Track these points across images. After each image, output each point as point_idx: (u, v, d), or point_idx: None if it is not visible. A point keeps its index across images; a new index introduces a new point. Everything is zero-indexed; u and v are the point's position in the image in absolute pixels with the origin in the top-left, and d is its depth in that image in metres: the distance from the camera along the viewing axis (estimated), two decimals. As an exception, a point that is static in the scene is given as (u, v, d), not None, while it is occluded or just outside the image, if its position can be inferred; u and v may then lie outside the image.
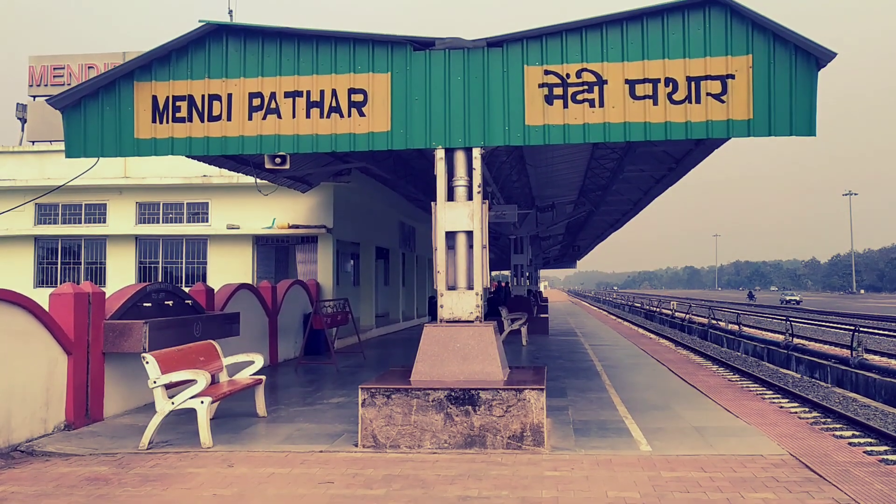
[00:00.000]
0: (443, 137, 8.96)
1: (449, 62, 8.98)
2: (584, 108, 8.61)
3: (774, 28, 8.13)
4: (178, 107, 9.47)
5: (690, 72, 8.34)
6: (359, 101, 9.14)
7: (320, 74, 9.23)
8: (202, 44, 9.46)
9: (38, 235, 21.66)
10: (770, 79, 8.18)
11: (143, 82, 9.53)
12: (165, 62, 9.51)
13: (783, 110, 8.15)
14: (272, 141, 9.35)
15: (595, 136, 8.62)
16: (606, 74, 8.57)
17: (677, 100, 8.35)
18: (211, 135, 9.41)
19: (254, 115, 9.34)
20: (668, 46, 8.42)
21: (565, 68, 8.68)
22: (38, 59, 24.57)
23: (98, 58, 24.26)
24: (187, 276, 21.07)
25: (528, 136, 8.79)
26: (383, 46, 9.13)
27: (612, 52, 8.57)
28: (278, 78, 9.30)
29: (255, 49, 9.37)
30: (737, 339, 31.56)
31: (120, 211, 21.35)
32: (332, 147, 9.26)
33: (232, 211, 20.77)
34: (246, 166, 14.12)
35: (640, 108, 8.45)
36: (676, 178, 19.20)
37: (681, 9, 8.41)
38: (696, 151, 15.53)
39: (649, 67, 8.44)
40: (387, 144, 9.14)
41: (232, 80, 9.36)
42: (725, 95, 8.25)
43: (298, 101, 9.26)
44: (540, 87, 8.73)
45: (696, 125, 8.32)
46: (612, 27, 8.60)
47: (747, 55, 8.23)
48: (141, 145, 9.56)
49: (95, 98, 9.62)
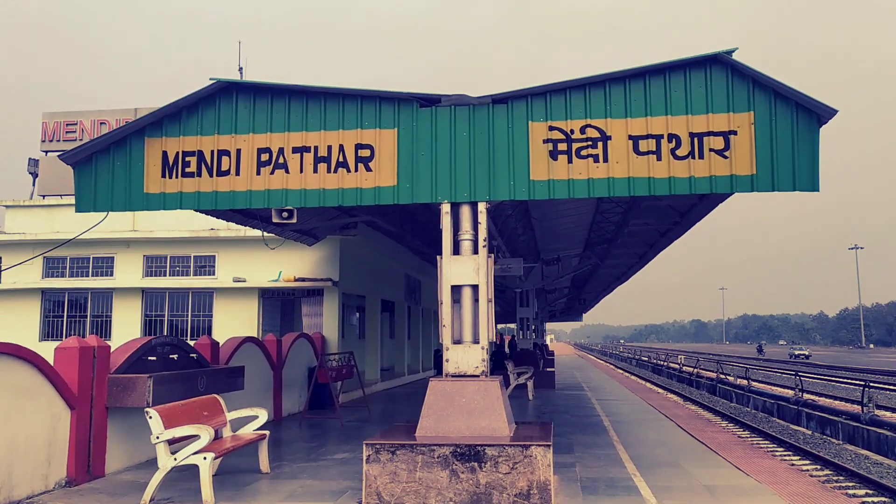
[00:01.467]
0: (448, 192, 9.04)
1: (454, 118, 9.12)
2: (589, 163, 8.70)
3: (775, 86, 8.25)
4: (187, 162, 9.61)
5: (693, 128, 8.45)
6: (366, 157, 9.26)
7: (328, 130, 9.37)
8: (212, 101, 9.65)
9: (46, 288, 21.73)
10: (772, 135, 8.27)
11: (154, 138, 9.68)
12: (176, 119, 9.68)
13: (786, 166, 8.22)
14: (280, 195, 9.44)
15: (599, 191, 8.69)
16: (610, 130, 8.68)
17: (681, 155, 8.44)
18: (219, 189, 9.52)
19: (262, 169, 9.45)
20: (670, 103, 8.55)
21: (569, 124, 8.80)
22: (52, 116, 25.02)
23: (110, 114, 24.69)
24: (193, 329, 21.04)
25: (533, 191, 8.86)
26: (390, 103, 9.29)
27: (615, 108, 8.70)
28: (287, 134, 9.45)
29: (264, 105, 9.54)
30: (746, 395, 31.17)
31: (127, 264, 21.45)
32: (338, 201, 9.34)
33: (238, 264, 20.84)
34: (253, 220, 14.23)
35: (643, 163, 8.54)
36: (681, 231, 19.24)
37: (682, 67, 8.56)
38: (701, 205, 15.59)
39: (652, 124, 8.56)
40: (393, 199, 9.22)
41: (241, 136, 9.51)
42: (728, 151, 8.33)
43: (306, 156, 9.38)
44: (545, 142, 8.84)
45: (699, 180, 8.38)
46: (615, 85, 8.74)
47: (749, 112, 8.34)
48: (150, 200, 9.67)
49: (107, 153, 9.77)
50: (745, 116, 8.36)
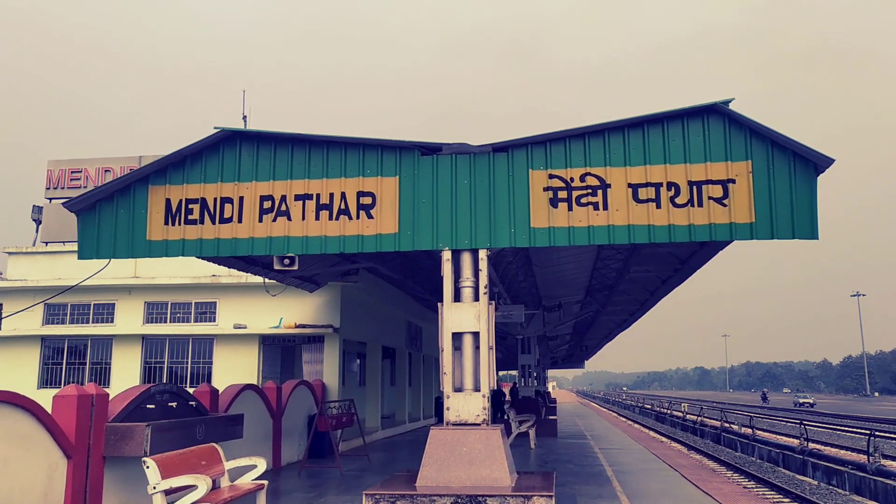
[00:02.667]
0: (449, 239, 9.09)
1: (456, 166, 9.22)
2: (589, 210, 8.76)
3: (772, 135, 8.36)
4: (190, 209, 9.68)
5: (692, 176, 8.53)
6: (367, 204, 9.34)
7: (330, 178, 9.47)
8: (216, 149, 9.77)
9: (46, 335, 21.67)
10: (770, 184, 8.35)
11: (158, 186, 9.78)
12: (180, 166, 9.79)
13: (785, 214, 8.28)
14: (281, 243, 9.49)
15: (600, 239, 8.73)
16: (610, 178, 8.76)
17: (680, 203, 8.51)
18: (222, 236, 9.57)
19: (264, 217, 9.52)
20: (669, 152, 8.65)
21: (569, 172, 8.89)
22: (57, 164, 25.27)
23: (115, 161, 24.94)
24: (193, 376, 20.92)
25: (533, 239, 8.91)
26: (392, 151, 9.40)
27: (614, 157, 8.80)
28: (289, 181, 9.54)
29: (267, 154, 9.66)
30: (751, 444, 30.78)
31: (128, 310, 21.42)
32: (340, 249, 9.39)
33: (239, 310, 20.82)
34: (255, 266, 14.27)
35: (643, 211, 8.60)
36: (682, 278, 19.25)
37: (680, 116, 8.69)
38: (701, 252, 15.63)
39: (651, 172, 8.65)
40: (394, 246, 9.27)
41: (244, 184, 9.61)
42: (727, 199, 8.40)
43: (308, 203, 9.46)
44: (545, 190, 8.92)
45: (699, 228, 8.44)
46: (613, 134, 8.86)
47: (747, 161, 8.44)
48: (152, 247, 9.72)
49: (110, 201, 9.85)
50: (744, 165, 8.45)
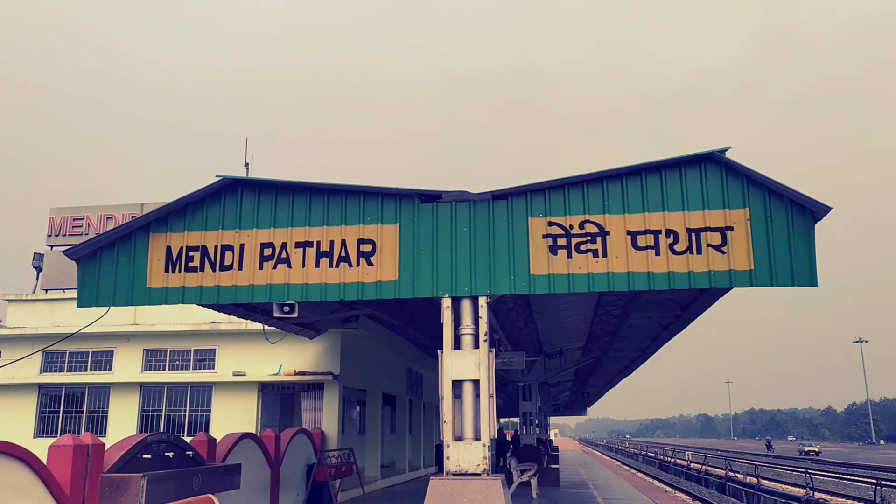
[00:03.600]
0: (449, 286, 9.10)
1: (455, 214, 9.27)
2: (588, 258, 8.79)
3: (769, 183, 8.43)
4: (191, 257, 9.71)
5: (690, 224, 8.58)
6: (367, 251, 9.37)
7: (331, 225, 9.52)
8: (218, 197, 9.84)
9: (43, 383, 21.52)
10: (768, 231, 8.40)
11: (159, 234, 9.82)
12: (181, 214, 9.85)
13: (783, 262, 8.31)
14: (281, 290, 9.50)
15: (599, 286, 8.74)
16: (609, 226, 8.81)
17: (679, 250, 8.54)
18: (222, 284, 9.59)
19: (264, 264, 9.55)
20: (667, 200, 8.72)
21: (568, 220, 8.94)
22: (59, 211, 25.42)
23: (116, 209, 25.07)
24: (190, 424, 20.70)
25: (533, 286, 8.92)
26: (392, 199, 9.47)
27: (613, 204, 8.86)
28: (290, 229, 9.59)
29: (268, 201, 9.73)
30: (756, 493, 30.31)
31: (126, 358, 21.31)
32: (340, 296, 9.39)
33: (239, 357, 20.70)
34: (254, 313, 14.24)
35: (642, 258, 8.63)
36: (683, 325, 19.19)
37: (678, 165, 8.78)
38: (702, 299, 15.62)
39: (650, 219, 8.70)
40: (394, 293, 9.27)
41: (245, 232, 9.66)
42: (726, 247, 8.44)
43: (308, 251, 9.50)
44: (544, 237, 8.96)
45: (698, 275, 8.45)
46: (612, 181, 8.94)
47: (745, 208, 8.50)
48: (152, 294, 9.73)
49: (111, 249, 9.89)
50: (741, 213, 8.50)
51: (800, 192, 8.27)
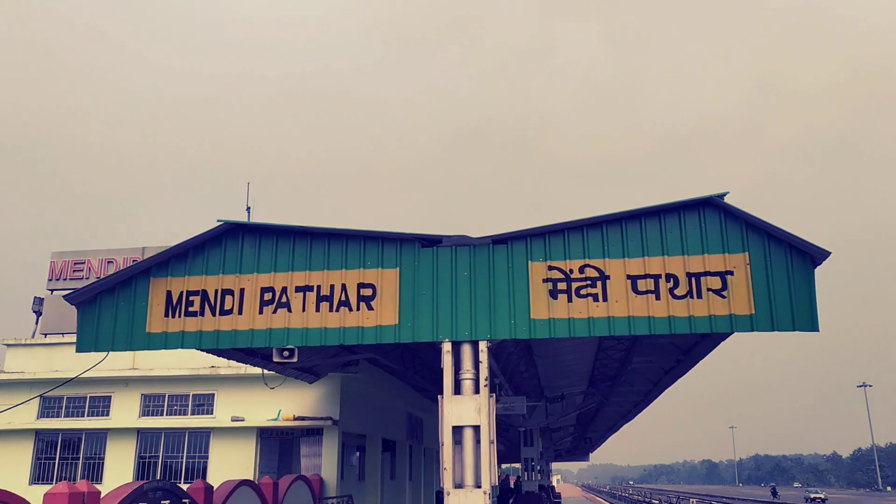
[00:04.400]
0: (449, 331, 9.07)
1: (455, 258, 9.29)
2: (588, 302, 8.78)
3: (768, 228, 8.47)
4: (191, 301, 9.70)
5: (690, 268, 8.60)
6: (368, 296, 9.37)
7: (331, 270, 9.53)
8: (219, 241, 9.87)
9: (40, 429, 21.30)
10: (768, 276, 8.41)
11: (160, 278, 9.83)
12: (182, 259, 9.87)
13: (784, 306, 8.30)
14: (281, 334, 9.47)
15: (600, 330, 8.72)
16: (609, 270, 8.82)
17: (679, 295, 8.54)
18: (221, 328, 9.56)
19: (265, 308, 9.54)
20: (666, 244, 8.75)
21: (568, 264, 8.96)
22: (60, 255, 25.45)
23: (118, 253, 25.10)
24: (188, 470, 20.42)
25: (533, 330, 8.89)
26: (392, 243, 9.50)
27: (613, 249, 8.89)
28: (290, 273, 9.60)
29: (269, 246, 9.75)
30: (763, 541, 29.75)
31: (124, 403, 21.12)
32: (340, 340, 9.36)
33: (237, 402, 20.52)
34: (254, 357, 14.17)
35: (643, 302, 8.62)
36: (685, 369, 19.06)
37: (677, 209, 8.82)
38: (703, 343, 15.54)
39: (650, 264, 8.72)
40: (394, 338, 9.24)
41: (245, 276, 9.66)
42: (726, 291, 8.44)
43: (309, 295, 9.49)
44: (544, 281, 8.97)
45: (699, 320, 8.44)
46: (611, 226, 8.97)
47: (744, 253, 8.53)
48: (152, 339, 9.70)
49: (111, 294, 9.88)
50: (741, 257, 8.53)
51: (798, 236, 8.30)
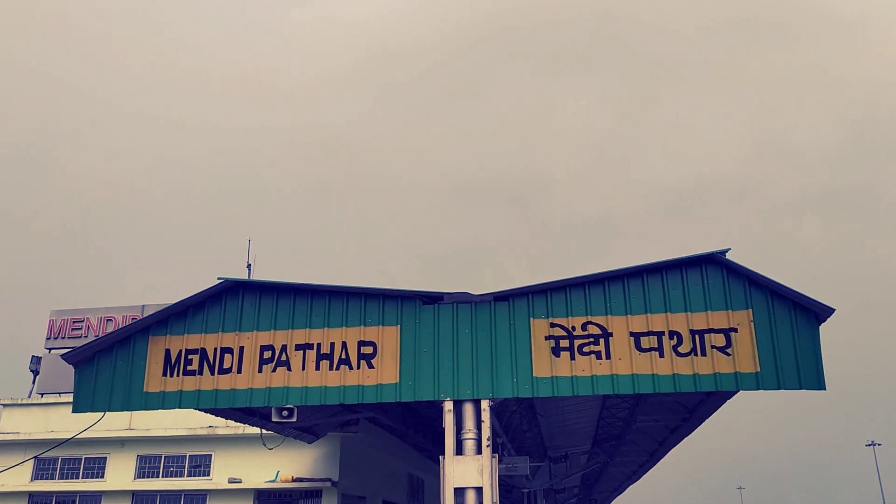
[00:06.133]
0: (451, 389, 8.95)
1: (457, 316, 9.21)
2: (592, 360, 8.68)
3: (771, 285, 8.43)
4: (189, 360, 9.60)
5: (693, 325, 8.53)
6: (368, 354, 9.27)
7: (331, 327, 9.45)
8: (219, 299, 9.81)
9: (34, 492, 20.84)
10: (773, 333, 8.34)
11: (159, 337, 9.74)
12: (182, 317, 9.80)
13: (789, 364, 8.21)
14: (281, 393, 9.34)
15: (604, 388, 8.60)
16: (611, 327, 8.75)
17: (683, 352, 8.45)
18: (220, 387, 9.44)
19: (264, 367, 9.42)
20: (669, 301, 8.69)
21: (570, 321, 8.89)
22: (59, 314, 25.32)
23: (117, 311, 24.95)
24: (182, 535, 19.90)
25: (536, 388, 8.78)
26: (393, 301, 9.44)
27: (615, 305, 8.83)
28: (290, 331, 9.51)
29: (269, 303, 9.69)
30: None
31: (120, 464, 20.72)
32: (340, 399, 9.24)
33: (235, 463, 20.13)
34: (252, 417, 13.94)
35: (646, 360, 8.52)
36: (691, 428, 18.76)
37: (679, 266, 8.80)
38: (709, 402, 15.32)
39: (653, 321, 8.65)
40: (395, 396, 9.12)
41: (245, 334, 9.58)
42: (730, 349, 8.35)
43: (309, 353, 9.39)
44: (547, 339, 8.88)
45: (704, 378, 8.34)
46: (613, 283, 8.93)
47: (747, 310, 8.47)
48: (149, 399, 9.56)
49: (110, 353, 9.78)
50: (745, 314, 8.46)
51: (802, 293, 8.24)
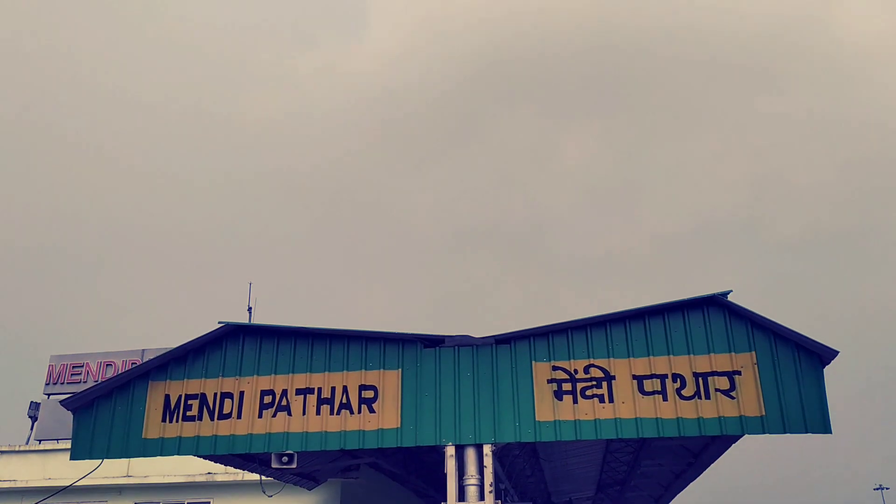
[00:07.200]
0: (453, 434, 8.86)
1: (458, 359, 9.17)
2: (594, 403, 8.61)
3: (773, 327, 8.39)
4: (189, 405, 9.52)
5: (697, 368, 8.48)
6: (369, 398, 9.20)
7: (332, 372, 9.40)
8: (219, 344, 9.77)
9: (27, 542, 20.50)
10: (777, 376, 8.28)
11: (158, 382, 9.68)
12: (182, 362, 9.74)
13: (794, 407, 8.14)
14: (281, 439, 9.25)
15: (607, 432, 8.52)
16: (614, 370, 8.69)
17: (687, 395, 8.38)
18: (220, 433, 9.35)
19: (264, 412, 9.35)
20: (671, 343, 8.65)
21: (573, 364, 8.84)
22: (59, 359, 25.20)
23: (117, 356, 24.83)
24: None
25: (539, 433, 8.69)
26: (394, 344, 9.40)
27: (617, 348, 8.79)
28: (291, 375, 9.45)
29: (270, 348, 9.64)
30: None
31: (117, 512, 20.40)
32: (341, 445, 9.15)
33: (234, 511, 19.82)
34: (252, 463, 13.76)
35: (650, 403, 8.45)
36: (697, 473, 18.49)
37: (680, 308, 8.77)
38: (714, 446, 15.11)
39: (655, 363, 8.60)
40: (396, 441, 9.04)
41: (245, 379, 9.52)
42: (735, 391, 8.29)
43: (309, 398, 9.32)
44: (549, 382, 8.82)
45: (708, 421, 8.26)
46: (615, 325, 8.90)
47: (751, 352, 8.43)
48: (148, 445, 9.46)
49: (109, 398, 9.70)
50: (748, 357, 8.42)
51: (805, 335, 8.21)
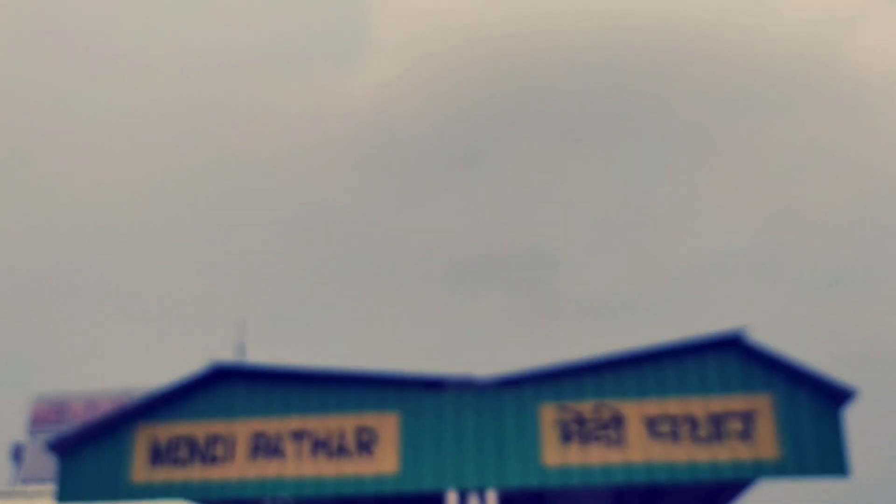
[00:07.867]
0: (455, 479, 8.53)
1: (460, 402, 8.85)
2: (604, 446, 8.30)
3: (791, 366, 8.11)
4: (178, 448, 9.17)
5: (711, 409, 8.19)
6: (366, 441, 8.88)
7: (328, 414, 9.08)
8: (210, 384, 9.44)
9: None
10: (794, 417, 7.98)
11: (146, 424, 9.34)
12: (170, 403, 9.41)
13: (812, 450, 7.84)
14: (274, 484, 8.90)
15: (617, 477, 8.20)
16: (625, 411, 8.39)
17: (700, 437, 8.08)
18: (210, 477, 9.00)
19: (257, 456, 9.00)
20: (685, 384, 8.37)
21: (582, 406, 8.54)
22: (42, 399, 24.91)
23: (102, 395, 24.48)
24: None
25: (545, 477, 8.37)
26: (393, 386, 9.09)
27: (628, 388, 8.50)
28: (285, 418, 9.12)
29: (263, 389, 9.32)
30: None
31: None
32: (337, 490, 8.80)
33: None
34: (244, 510, 13.32)
35: (662, 446, 8.14)
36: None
37: (695, 348, 8.50)
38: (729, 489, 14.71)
39: (668, 405, 8.31)
40: (395, 486, 8.71)
41: (237, 421, 9.18)
42: (750, 434, 7.99)
43: (304, 441, 9.00)
44: (556, 424, 8.51)
45: (722, 465, 7.94)
46: (626, 365, 8.62)
47: (767, 393, 8.15)
48: (135, 490, 9.11)
49: (95, 441, 9.35)
50: (764, 398, 8.12)
51: (824, 374, 7.92)
